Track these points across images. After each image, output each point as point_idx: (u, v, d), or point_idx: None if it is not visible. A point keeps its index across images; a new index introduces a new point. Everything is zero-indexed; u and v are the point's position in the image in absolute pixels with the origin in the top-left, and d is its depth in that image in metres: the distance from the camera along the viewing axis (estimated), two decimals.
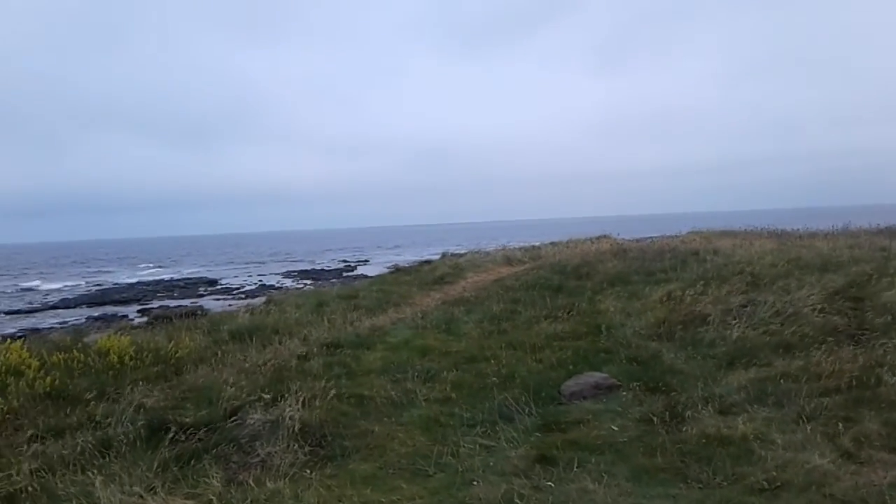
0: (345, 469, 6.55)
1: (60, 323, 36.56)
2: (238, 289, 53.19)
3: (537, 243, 29.75)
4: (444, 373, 9.31)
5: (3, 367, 8.75)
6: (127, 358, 9.65)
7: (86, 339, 10.84)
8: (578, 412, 7.53)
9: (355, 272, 65.65)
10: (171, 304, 43.34)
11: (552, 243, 27.84)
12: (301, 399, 7.93)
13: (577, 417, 7.37)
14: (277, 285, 54.22)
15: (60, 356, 9.39)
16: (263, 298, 42.97)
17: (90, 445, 6.82)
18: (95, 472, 6.33)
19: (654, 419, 7.04)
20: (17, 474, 6.10)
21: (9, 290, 60.90)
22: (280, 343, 10.74)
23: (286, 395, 8.05)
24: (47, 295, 54.62)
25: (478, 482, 5.94)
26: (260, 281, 59.48)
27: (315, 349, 10.52)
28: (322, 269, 70.15)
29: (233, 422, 7.39)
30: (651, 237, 26.94)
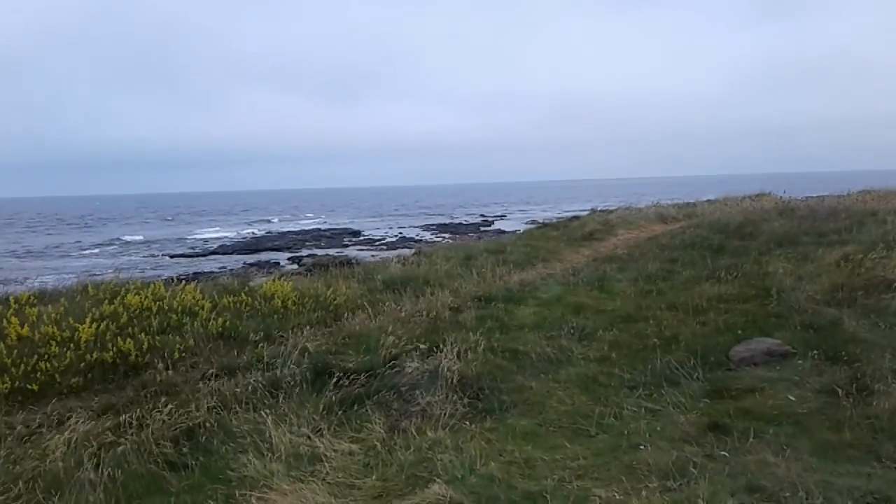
0: (504, 423, 6.47)
1: (220, 267, 39.20)
2: (380, 240, 54.85)
3: (691, 200, 28.40)
4: (601, 331, 9.01)
5: (179, 307, 9.30)
6: (290, 303, 10.02)
7: (251, 284, 11.34)
8: (750, 379, 7.02)
9: (492, 227, 65.94)
10: (319, 253, 45.36)
11: (708, 201, 26.44)
12: (456, 351, 7.93)
13: (749, 385, 6.87)
14: (417, 238, 55.50)
15: (230, 299, 9.87)
16: (406, 250, 44.28)
17: (260, 385, 7.11)
18: (266, 411, 6.61)
19: (839, 391, 6.42)
20: (196, 410, 6.45)
21: (172, 238, 65.91)
22: (432, 294, 10.77)
23: (441, 346, 8.07)
24: (207, 241, 58.70)
25: (645, 447, 5.67)
26: (400, 233, 61.07)
27: (467, 302, 10.49)
28: (460, 223, 70.92)
29: (392, 369, 7.49)
30: (819, 196, 24.89)
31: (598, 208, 26.15)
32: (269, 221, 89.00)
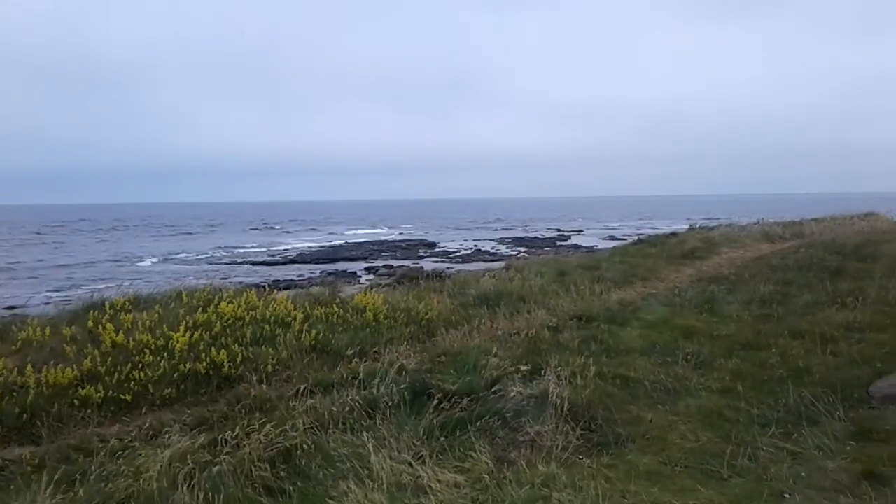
0: (623, 459, 5.87)
1: (298, 276, 39.59)
2: (455, 252, 54.52)
3: (796, 219, 26.84)
4: (719, 359, 8.28)
5: (272, 318, 9.05)
6: (381, 316, 9.67)
7: (341, 294, 11.06)
8: None
9: (569, 241, 64.81)
10: (394, 264, 45.37)
11: (814, 220, 24.91)
12: (561, 375, 7.38)
13: None
14: (492, 251, 54.99)
15: (321, 310, 9.59)
16: (482, 263, 43.78)
17: (357, 405, 6.72)
18: (365, 434, 6.19)
19: None
20: (292, 429, 6.09)
21: (257, 245, 67.43)
22: (528, 312, 10.24)
23: (545, 369, 7.54)
24: (286, 249, 59.72)
25: (791, 495, 4.99)
26: (475, 246, 60.64)
27: (566, 321, 9.92)
28: (535, 238, 70.02)
29: (494, 393, 6.98)
30: None
31: (697, 225, 25.00)
32: (348, 231, 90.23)
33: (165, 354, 7.74)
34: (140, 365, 7.45)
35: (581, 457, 5.90)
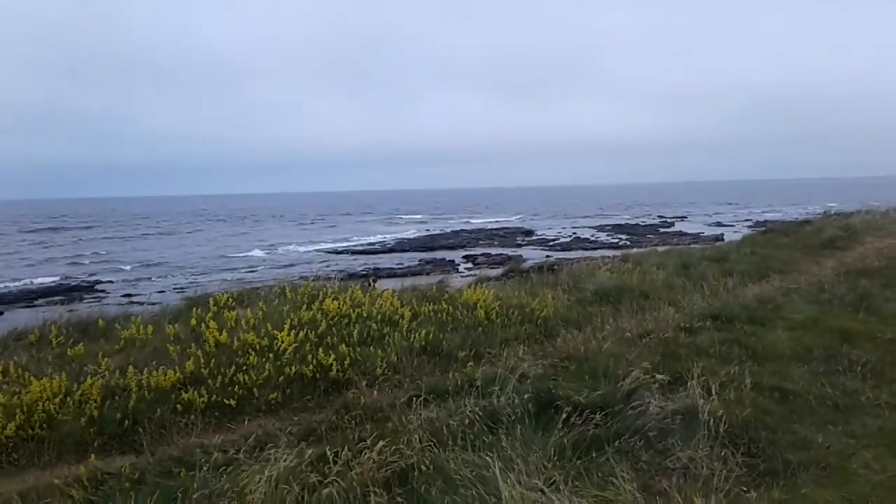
0: (796, 494, 4.90)
1: (397, 265, 39.53)
2: (553, 240, 53.31)
3: None
4: (890, 369, 7.10)
5: (379, 316, 8.49)
6: (494, 314, 8.94)
7: (448, 288, 10.39)
8: None
9: (672, 228, 62.37)
10: (493, 252, 44.70)
11: None
12: (706, 386, 6.42)
13: None
14: (592, 238, 53.51)
15: (429, 307, 8.96)
16: (582, 251, 42.42)
17: (477, 417, 6.00)
18: (488, 453, 5.46)
19: None
20: (408, 445, 5.43)
21: (357, 234, 68.25)
22: (653, 310, 9.26)
23: (686, 379, 6.60)
24: (385, 237, 60.05)
25: None
26: (574, 233, 59.14)
27: (699, 321, 8.88)
28: (637, 225, 67.72)
29: (633, 408, 6.11)
30: None
31: (832, 211, 22.95)
32: (447, 219, 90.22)
33: (270, 355, 7.29)
34: (244, 367, 7.03)
35: (746, 489, 4.98)
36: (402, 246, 50.49)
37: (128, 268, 40.31)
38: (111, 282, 35.46)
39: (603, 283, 10.76)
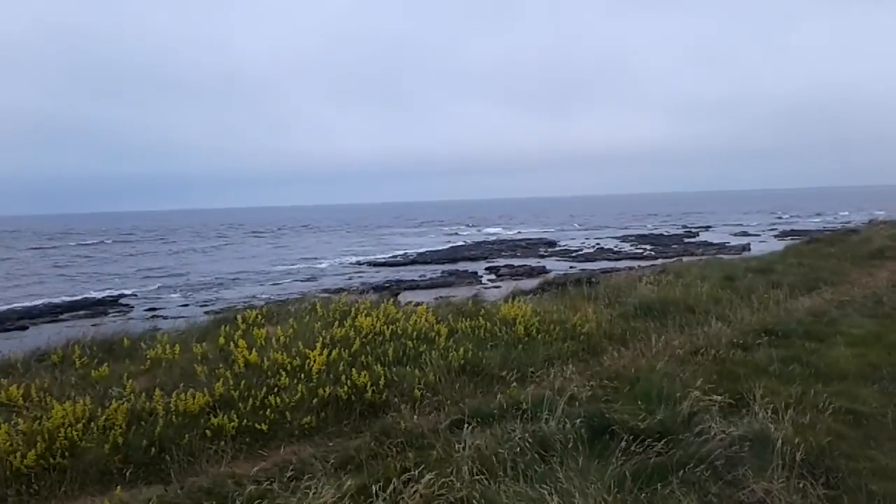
0: None
1: (420, 276, 39.19)
2: (577, 251, 52.74)
3: None
4: None
5: (414, 333, 8.09)
6: (534, 330, 8.51)
7: (484, 303, 9.97)
8: None
9: (697, 238, 61.58)
10: (515, 263, 44.24)
11: None
12: (770, 409, 5.95)
13: None
14: (616, 249, 52.90)
15: (466, 323, 8.55)
16: (606, 262, 41.77)
17: (527, 444, 5.56)
18: (542, 484, 5.02)
19: None
20: (456, 478, 5.00)
21: (378, 247, 68.10)
22: (701, 326, 8.78)
23: (748, 401, 6.14)
24: (407, 249, 59.76)
25: None
26: (597, 244, 58.49)
27: (752, 337, 8.39)
28: (661, 235, 66.94)
29: (698, 434, 5.64)
30: None
31: (880, 218, 22.25)
32: (466, 231, 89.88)
33: (302, 376, 6.92)
34: (275, 388, 6.65)
35: None
36: (423, 258, 50.14)
37: (155, 285, 40.24)
38: (134, 296, 35.43)
39: (645, 296, 10.28)
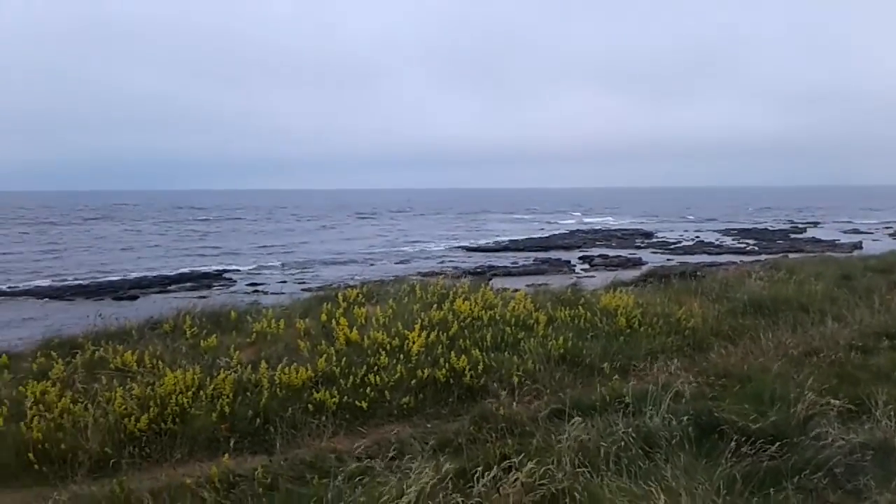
0: None
1: (512, 263, 39.03)
2: (675, 243, 51.26)
3: None
4: None
5: (512, 319, 8.01)
6: (636, 322, 8.26)
7: (583, 293, 9.76)
8: None
9: (804, 234, 58.65)
10: (610, 254, 43.39)
11: None
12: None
13: None
14: (717, 243, 51.15)
15: (566, 312, 8.39)
16: (706, 256, 40.37)
17: (630, 438, 5.39)
18: (646, 481, 4.86)
19: None
20: (557, 468, 4.89)
21: (472, 232, 68.37)
22: (815, 325, 8.31)
23: (870, 407, 5.76)
24: (500, 236, 59.65)
25: None
26: (697, 237, 56.60)
27: (873, 339, 7.86)
28: (765, 229, 64.10)
29: (815, 439, 5.33)
30: None
31: None
32: (561, 219, 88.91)
33: (401, 356, 6.96)
34: (375, 367, 6.72)
35: None
36: (515, 245, 49.87)
37: (257, 261, 41.74)
38: (237, 270, 36.87)
39: (755, 292, 9.80)
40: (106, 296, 28.17)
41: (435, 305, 8.37)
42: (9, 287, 30.16)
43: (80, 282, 32.00)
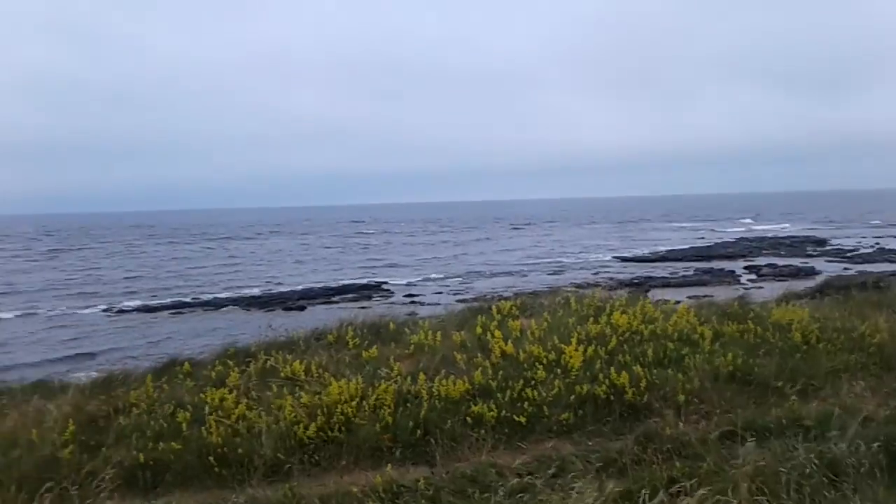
0: None
1: (671, 274, 37.54)
2: (852, 251, 47.24)
3: None
4: None
5: (675, 334, 7.65)
6: (814, 338, 7.63)
7: (752, 306, 9.17)
8: None
9: None
10: (779, 263, 40.65)
11: None
12: None
13: None
14: None
15: (733, 326, 7.91)
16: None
17: (813, 465, 4.96)
18: None
19: None
20: (733, 495, 4.55)
21: (624, 240, 66.68)
22: None
23: None
24: (656, 245, 57.65)
25: None
26: (877, 244, 51.76)
27: None
28: None
29: None
30: None
31: None
32: (733, 224, 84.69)
33: (558, 371, 6.83)
34: (532, 382, 6.64)
35: None
36: (674, 254, 47.94)
37: (413, 274, 43.02)
38: (396, 283, 38.14)
39: None
40: (277, 306, 30.10)
41: (591, 318, 8.17)
42: (192, 298, 33.03)
43: (254, 292, 34.54)
